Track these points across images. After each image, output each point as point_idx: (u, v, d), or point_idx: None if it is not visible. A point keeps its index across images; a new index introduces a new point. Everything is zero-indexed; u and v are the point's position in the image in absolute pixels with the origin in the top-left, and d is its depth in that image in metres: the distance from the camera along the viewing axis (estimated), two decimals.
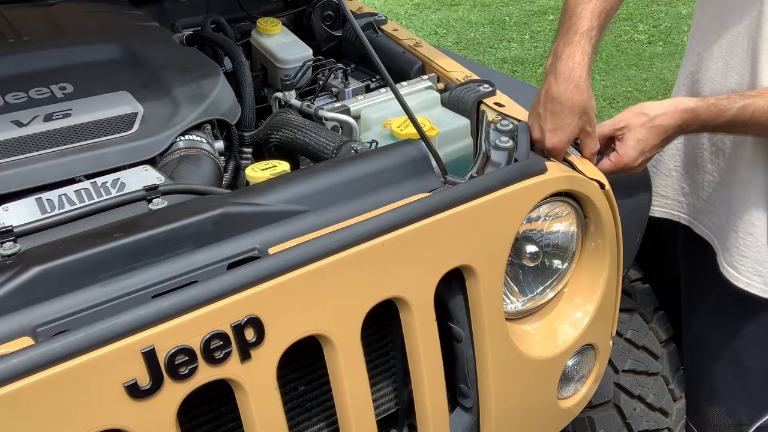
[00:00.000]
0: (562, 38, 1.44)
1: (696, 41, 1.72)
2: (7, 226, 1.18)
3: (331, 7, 2.12)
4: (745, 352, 1.72)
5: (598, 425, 1.84)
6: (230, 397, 1.11)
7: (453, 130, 1.62)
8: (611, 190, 1.43)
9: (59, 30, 1.82)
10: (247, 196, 1.25)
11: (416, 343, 1.26)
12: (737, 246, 1.61)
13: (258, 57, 2.01)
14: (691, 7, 6.23)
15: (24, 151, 1.38)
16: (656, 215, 1.83)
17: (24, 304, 1.05)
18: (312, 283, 1.11)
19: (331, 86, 1.85)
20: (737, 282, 1.63)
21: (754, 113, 1.43)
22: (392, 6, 6.74)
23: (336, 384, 1.20)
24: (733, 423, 1.77)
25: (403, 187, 1.32)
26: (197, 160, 1.46)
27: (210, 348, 1.03)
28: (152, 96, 1.56)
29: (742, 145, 1.59)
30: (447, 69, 1.82)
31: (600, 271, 1.48)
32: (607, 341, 1.57)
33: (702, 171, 1.71)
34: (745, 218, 1.59)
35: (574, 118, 1.42)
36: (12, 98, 1.53)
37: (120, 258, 1.12)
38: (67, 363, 0.93)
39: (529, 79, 5.15)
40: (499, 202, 1.27)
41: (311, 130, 1.57)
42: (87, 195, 1.30)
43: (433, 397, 1.30)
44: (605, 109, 4.68)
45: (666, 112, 1.45)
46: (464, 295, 1.32)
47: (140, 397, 0.99)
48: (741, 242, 1.60)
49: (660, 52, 5.50)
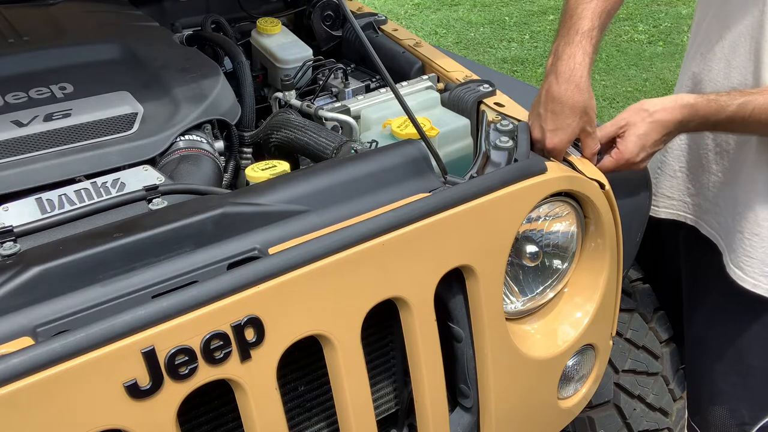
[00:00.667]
0: (563, 38, 1.44)
1: (698, 42, 1.71)
2: (7, 226, 1.18)
3: (331, 7, 2.12)
4: (747, 351, 1.72)
5: (598, 425, 1.84)
6: (230, 397, 1.11)
7: (453, 130, 1.62)
8: (611, 190, 1.43)
9: (59, 30, 1.82)
10: (247, 196, 1.25)
11: (416, 343, 1.26)
12: (743, 247, 1.61)
13: (258, 57, 2.01)
14: (691, 7, 6.23)
15: (24, 151, 1.38)
16: (661, 216, 1.82)
17: (24, 304, 1.04)
18: (312, 283, 1.11)
19: (331, 86, 1.85)
20: (744, 283, 1.62)
21: (754, 110, 1.43)
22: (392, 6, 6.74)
23: (336, 384, 1.20)
24: (736, 423, 1.77)
25: (403, 187, 1.32)
26: (197, 160, 1.46)
27: (210, 348, 1.03)
28: (152, 96, 1.56)
29: (746, 145, 1.59)
30: (447, 69, 1.82)
31: (600, 271, 1.48)
32: (607, 341, 1.57)
33: (707, 171, 1.71)
34: (751, 218, 1.59)
35: (575, 118, 1.42)
36: (12, 98, 1.52)
37: (120, 258, 1.12)
38: (67, 363, 0.93)
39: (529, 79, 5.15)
40: (499, 202, 1.27)
41: (311, 130, 1.57)
42: (87, 195, 1.30)
43: (433, 397, 1.30)
44: (605, 109, 4.68)
45: (666, 107, 1.45)
46: (464, 295, 1.32)
47: (140, 397, 0.99)
48: (747, 243, 1.60)
49: (660, 52, 5.51)
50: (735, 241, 1.63)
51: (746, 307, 1.67)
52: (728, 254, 1.66)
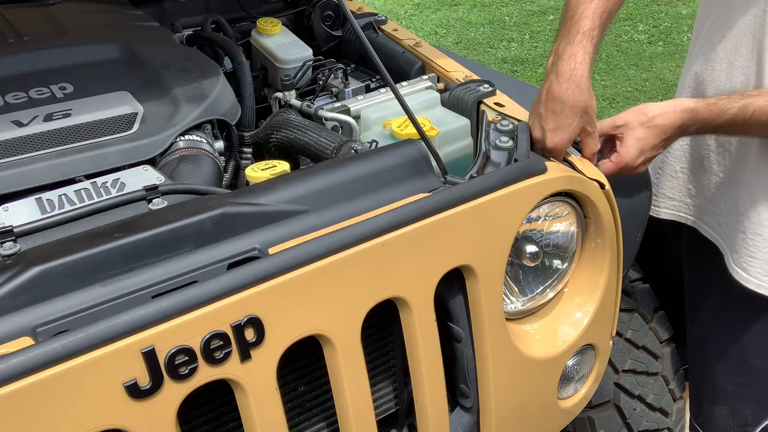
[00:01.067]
0: (564, 38, 1.44)
1: (700, 42, 1.71)
2: (7, 226, 1.18)
3: (331, 7, 2.12)
4: (750, 351, 1.71)
5: (598, 425, 1.84)
6: (230, 397, 1.11)
7: (453, 130, 1.62)
8: (611, 190, 1.43)
9: (59, 30, 1.82)
10: (247, 196, 1.25)
11: (416, 343, 1.26)
12: (746, 247, 1.61)
13: (258, 57, 2.01)
14: (691, 7, 6.23)
15: (24, 151, 1.38)
16: (662, 217, 1.82)
17: (24, 304, 1.04)
18: (312, 283, 1.11)
19: (331, 86, 1.85)
20: (747, 283, 1.62)
21: (755, 112, 1.43)
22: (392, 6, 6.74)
23: (336, 384, 1.20)
24: (738, 423, 1.76)
25: (403, 187, 1.32)
26: (197, 160, 1.46)
27: (210, 348, 1.03)
28: (152, 96, 1.56)
29: (748, 145, 1.59)
30: (447, 69, 1.82)
31: (600, 271, 1.48)
32: (607, 341, 1.57)
33: (708, 172, 1.71)
34: (754, 219, 1.59)
35: (575, 117, 1.42)
36: (12, 98, 1.52)
37: (120, 258, 1.12)
38: (67, 363, 0.93)
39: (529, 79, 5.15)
40: (499, 202, 1.27)
41: (311, 130, 1.57)
42: (87, 195, 1.30)
43: (433, 397, 1.30)
44: (605, 109, 4.68)
45: (665, 112, 1.45)
46: (464, 295, 1.32)
47: (140, 397, 0.99)
48: (750, 243, 1.60)
49: (660, 52, 5.51)
50: (737, 241, 1.63)
51: (749, 307, 1.67)
52: (730, 255, 1.66)
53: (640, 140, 1.45)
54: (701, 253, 1.78)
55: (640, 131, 1.45)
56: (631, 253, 1.67)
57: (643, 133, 1.45)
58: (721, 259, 1.69)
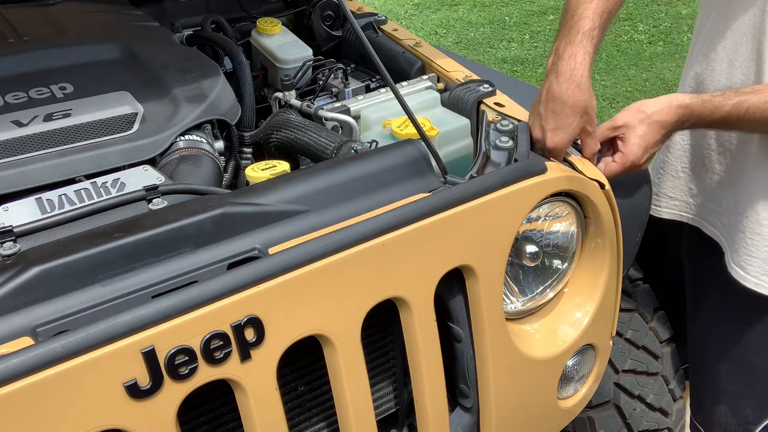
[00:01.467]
0: (564, 38, 1.44)
1: (700, 42, 1.72)
2: (7, 226, 1.18)
3: (331, 7, 2.12)
4: (750, 350, 1.71)
5: (598, 425, 1.84)
6: (230, 397, 1.11)
7: (453, 130, 1.62)
8: (611, 190, 1.43)
9: (59, 30, 1.82)
10: (247, 196, 1.25)
11: (416, 343, 1.26)
12: (745, 246, 1.61)
13: (258, 57, 2.01)
14: (691, 7, 6.23)
15: (24, 151, 1.38)
16: (664, 216, 1.83)
17: (24, 304, 1.04)
18: (312, 283, 1.11)
19: (331, 86, 1.85)
20: (746, 282, 1.62)
21: (749, 109, 1.44)
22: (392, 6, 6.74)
23: (336, 384, 1.20)
24: (739, 422, 1.77)
25: (403, 187, 1.32)
26: (197, 160, 1.46)
27: (210, 348, 1.03)
28: (152, 96, 1.56)
29: (749, 144, 1.59)
30: (447, 69, 1.82)
31: (600, 271, 1.48)
32: (607, 341, 1.57)
33: (709, 171, 1.71)
34: (753, 218, 1.59)
35: (576, 117, 1.42)
36: (12, 98, 1.52)
37: (120, 258, 1.12)
38: (67, 363, 0.93)
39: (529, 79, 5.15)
40: (499, 202, 1.27)
41: (311, 130, 1.57)
42: (87, 195, 1.30)
43: (433, 397, 1.30)
44: (605, 109, 4.68)
45: (662, 108, 1.46)
46: (464, 295, 1.32)
47: (140, 397, 0.99)
48: (749, 242, 1.60)
49: (660, 52, 5.51)
50: (737, 240, 1.63)
51: (749, 307, 1.67)
52: (730, 254, 1.66)
53: (642, 138, 1.45)
54: (702, 253, 1.78)
55: (641, 129, 1.45)
56: (631, 253, 1.67)
57: (644, 130, 1.45)
58: (721, 258, 1.69)
